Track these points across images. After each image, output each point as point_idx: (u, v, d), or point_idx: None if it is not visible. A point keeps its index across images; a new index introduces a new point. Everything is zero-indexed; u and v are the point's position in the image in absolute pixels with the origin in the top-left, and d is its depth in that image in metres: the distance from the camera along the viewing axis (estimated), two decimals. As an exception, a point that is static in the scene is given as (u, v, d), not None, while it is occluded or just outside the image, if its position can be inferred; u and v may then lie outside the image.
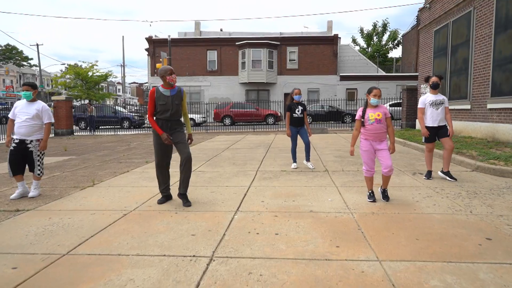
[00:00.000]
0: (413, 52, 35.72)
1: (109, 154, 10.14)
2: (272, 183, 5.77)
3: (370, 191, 4.67)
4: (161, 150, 4.62)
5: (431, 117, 5.81)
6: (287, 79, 31.10)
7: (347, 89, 31.46)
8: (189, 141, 4.75)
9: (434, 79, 5.83)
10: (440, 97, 5.81)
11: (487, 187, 5.25)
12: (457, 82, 11.70)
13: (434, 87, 5.81)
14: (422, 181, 5.76)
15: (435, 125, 5.79)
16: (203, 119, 26.80)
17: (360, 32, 45.09)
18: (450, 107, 12.07)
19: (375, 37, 44.49)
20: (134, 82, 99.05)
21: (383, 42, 44.56)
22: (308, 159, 7.26)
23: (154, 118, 4.61)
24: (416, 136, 11.65)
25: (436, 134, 5.84)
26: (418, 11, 35.07)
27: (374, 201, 4.56)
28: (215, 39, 32.13)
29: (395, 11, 76.13)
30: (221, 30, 37.96)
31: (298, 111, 7.11)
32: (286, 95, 29.58)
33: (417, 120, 15.50)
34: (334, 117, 24.87)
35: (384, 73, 34.06)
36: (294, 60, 31.57)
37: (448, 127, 5.80)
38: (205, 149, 10.90)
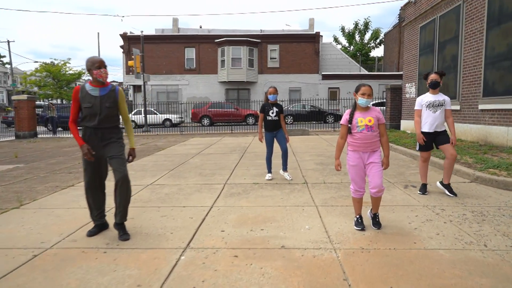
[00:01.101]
0: (395, 51, 35.39)
1: (63, 162, 8.96)
2: (240, 202, 4.79)
3: (358, 216, 3.74)
4: (91, 165, 3.57)
5: (427, 121, 4.93)
6: (268, 78, 30.19)
7: (329, 88, 30.79)
8: (130, 157, 3.69)
9: (432, 76, 4.94)
10: (440, 97, 4.93)
11: (494, 205, 4.41)
12: (445, 81, 10.95)
13: (433, 86, 4.93)
14: (416, 197, 4.89)
15: (431, 130, 4.91)
16: (180, 119, 25.63)
17: (341, 31, 44.61)
18: (437, 108, 11.35)
19: (357, 36, 44.07)
20: (114, 81, 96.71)
21: (365, 41, 44.18)
22: (285, 169, 6.32)
23: (81, 126, 3.56)
24: (403, 139, 10.88)
25: (433, 141, 4.97)
26: (401, 10, 34.79)
27: (363, 229, 3.63)
28: (193, 36, 30.93)
29: (377, 11, 76.16)
30: (200, 27, 36.73)
31: (273, 113, 6.14)
32: (267, 94, 28.65)
33: (401, 121, 14.80)
34: (316, 117, 24.11)
35: (366, 72, 33.57)
36: (275, 58, 30.69)
37: (449, 133, 4.93)
38: (173, 154, 9.83)
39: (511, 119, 8.03)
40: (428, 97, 4.95)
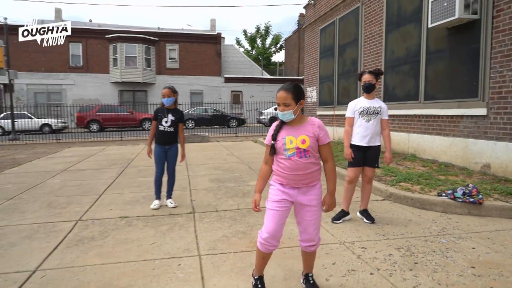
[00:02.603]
0: (295, 56, 36.30)
1: None
2: (86, 257, 3.18)
3: (257, 278, 2.48)
4: None
5: (358, 132, 3.96)
6: (167, 79, 28.04)
7: (232, 91, 29.98)
8: None
9: (365, 78, 3.96)
10: (376, 104, 3.98)
11: (419, 236, 3.59)
12: (346, 86, 10.67)
13: (366, 90, 3.96)
14: (330, 227, 3.87)
15: (363, 144, 3.94)
16: (63, 124, 22.16)
17: (243, 34, 44.55)
18: (338, 113, 11.03)
19: (258, 40, 44.40)
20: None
21: (267, 46, 44.77)
22: (169, 196, 4.85)
23: None
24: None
25: (364, 156, 4.01)
26: (299, 16, 35.75)
27: (264, 304, 2.38)
28: (79, 30, 27.11)
29: (277, 19, 78.77)
30: (90, 21, 32.93)
31: (167, 122, 4.63)
32: (166, 96, 26.53)
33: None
34: (219, 121, 22.97)
35: (269, 76, 33.67)
36: (175, 58, 28.77)
37: (386, 149, 4.01)
38: (29, 172, 7.57)
39: (411, 125, 7.78)
40: (362, 102, 3.97)
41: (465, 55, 6.26)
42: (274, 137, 2.29)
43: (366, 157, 3.96)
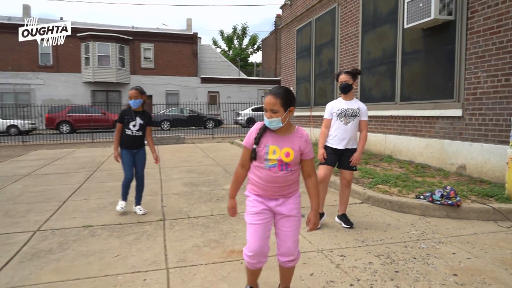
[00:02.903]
0: (272, 57, 36.27)
1: None
2: (40, 273, 2.87)
3: None
4: None
5: (336, 135, 3.80)
6: (142, 79, 27.35)
7: (208, 92, 29.59)
8: None
9: (342, 78, 3.83)
10: (355, 105, 3.84)
11: (399, 241, 3.47)
12: (323, 86, 10.61)
13: (343, 91, 3.82)
14: (307, 234, 3.69)
15: (340, 147, 3.79)
16: (32, 126, 21.18)
17: (220, 34, 44.24)
18: (315, 114, 10.95)
19: (235, 41, 44.17)
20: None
21: (244, 46, 44.62)
22: (138, 202, 4.56)
23: None
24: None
25: (339, 159, 3.86)
26: (276, 17, 35.75)
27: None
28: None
29: (255, 21, 78.71)
30: (61, 19, 31.78)
31: (135, 125, 4.34)
32: (141, 97, 25.83)
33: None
34: (195, 122, 22.58)
35: (246, 77, 33.47)
36: (150, 58, 28.14)
37: (357, 148, 3.87)
38: (-12, 177, 7.08)
39: (388, 126, 7.75)
40: (340, 103, 3.82)
41: (440, 56, 6.26)
42: (257, 141, 2.07)
43: (343, 160, 3.83)
